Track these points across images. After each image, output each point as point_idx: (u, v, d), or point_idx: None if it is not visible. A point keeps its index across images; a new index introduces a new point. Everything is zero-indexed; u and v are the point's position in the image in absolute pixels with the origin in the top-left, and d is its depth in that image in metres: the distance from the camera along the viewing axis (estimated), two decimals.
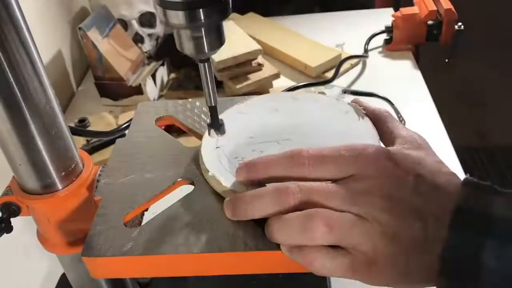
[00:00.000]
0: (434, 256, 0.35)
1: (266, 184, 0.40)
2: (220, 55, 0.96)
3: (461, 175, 0.38)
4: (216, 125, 0.48)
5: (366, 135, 0.46)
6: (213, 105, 0.45)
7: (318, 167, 0.39)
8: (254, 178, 0.41)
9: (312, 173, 0.39)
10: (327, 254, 0.37)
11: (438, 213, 0.36)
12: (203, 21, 0.38)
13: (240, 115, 0.51)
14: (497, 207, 0.35)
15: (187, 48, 0.40)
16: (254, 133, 0.48)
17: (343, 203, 0.37)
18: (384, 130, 0.46)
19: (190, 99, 0.57)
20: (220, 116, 0.49)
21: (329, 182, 0.39)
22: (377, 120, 0.47)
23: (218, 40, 0.40)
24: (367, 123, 0.47)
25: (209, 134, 0.48)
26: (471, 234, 0.34)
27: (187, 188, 0.45)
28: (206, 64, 0.42)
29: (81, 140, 0.88)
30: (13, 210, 0.44)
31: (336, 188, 0.38)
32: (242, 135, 0.48)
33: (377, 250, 0.36)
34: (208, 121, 0.48)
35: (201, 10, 0.37)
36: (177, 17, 0.38)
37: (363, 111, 0.49)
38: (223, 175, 0.43)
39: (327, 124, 0.48)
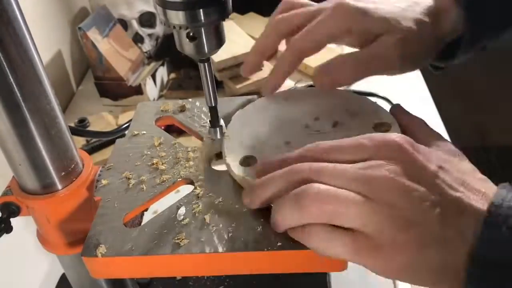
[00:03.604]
0: (455, 256, 0.33)
1: None
2: (220, 55, 0.96)
3: None
4: (216, 125, 0.48)
5: None
6: (213, 105, 0.45)
7: (336, 154, 0.38)
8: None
9: (329, 159, 0.38)
10: (326, 232, 0.35)
11: (462, 208, 0.33)
12: (203, 21, 0.38)
13: (277, 105, 0.51)
14: None
15: (187, 48, 0.40)
16: (281, 126, 0.47)
17: (350, 181, 0.35)
18: (419, 140, 0.42)
19: (190, 99, 0.57)
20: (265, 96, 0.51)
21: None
22: (413, 129, 0.45)
23: (218, 40, 0.40)
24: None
25: (208, 133, 0.47)
26: (507, 233, 0.31)
27: (187, 188, 0.45)
28: (206, 64, 0.42)
29: (81, 140, 0.88)
30: (13, 210, 0.44)
31: (347, 168, 0.36)
32: (267, 127, 0.48)
33: (383, 234, 0.34)
34: (209, 121, 0.48)
35: (201, 10, 0.37)
36: (177, 17, 0.38)
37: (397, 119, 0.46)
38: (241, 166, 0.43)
39: (354, 126, 0.46)
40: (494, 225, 0.32)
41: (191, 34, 0.39)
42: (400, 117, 0.46)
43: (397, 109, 0.47)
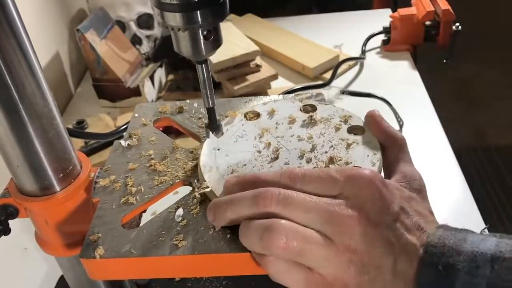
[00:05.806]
0: None
1: None
2: (218, 57, 0.96)
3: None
4: (214, 127, 0.48)
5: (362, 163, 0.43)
6: (210, 106, 0.45)
7: (307, 184, 0.38)
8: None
9: (301, 189, 0.38)
10: (283, 264, 0.36)
11: (412, 255, 0.35)
12: (200, 23, 0.38)
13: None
14: (468, 244, 0.34)
15: (184, 49, 0.40)
16: (255, 139, 0.48)
17: (315, 220, 0.36)
18: (390, 157, 0.43)
19: (188, 100, 0.57)
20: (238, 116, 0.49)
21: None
22: (389, 144, 0.44)
23: (215, 41, 0.40)
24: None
25: (206, 135, 0.47)
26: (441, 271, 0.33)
27: (185, 189, 0.45)
28: (203, 65, 0.42)
29: (79, 142, 0.88)
30: (11, 212, 0.44)
31: (316, 202, 0.36)
32: (243, 139, 0.48)
33: (337, 278, 0.35)
34: (206, 122, 0.48)
35: (198, 12, 0.37)
36: (175, 18, 0.38)
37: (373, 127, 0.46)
38: (216, 181, 0.43)
39: (326, 138, 0.47)
40: (430, 264, 0.34)
41: (204, 32, 0.39)
42: (376, 130, 0.45)
43: (373, 119, 0.46)
